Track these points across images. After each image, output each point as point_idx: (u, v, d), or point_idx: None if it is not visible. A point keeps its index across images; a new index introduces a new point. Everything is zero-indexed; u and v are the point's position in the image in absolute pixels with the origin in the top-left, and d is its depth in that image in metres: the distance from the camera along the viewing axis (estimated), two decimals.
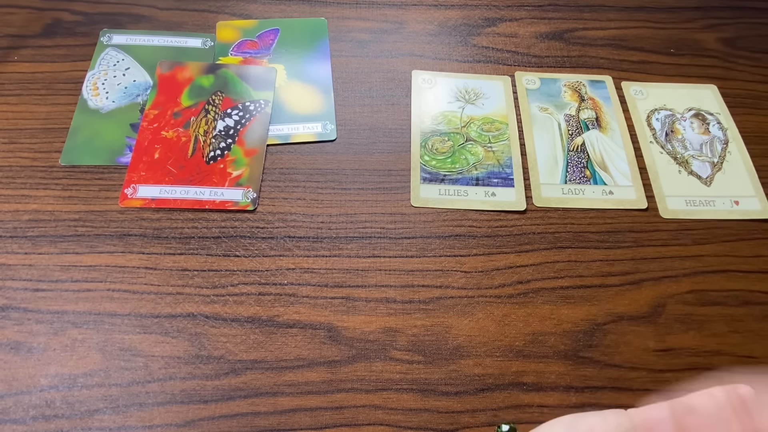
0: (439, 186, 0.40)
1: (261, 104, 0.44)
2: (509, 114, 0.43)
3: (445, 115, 0.43)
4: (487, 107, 0.43)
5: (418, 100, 0.44)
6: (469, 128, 0.42)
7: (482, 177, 0.40)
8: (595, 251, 0.38)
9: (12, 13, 0.47)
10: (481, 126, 0.42)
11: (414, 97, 0.44)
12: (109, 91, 0.43)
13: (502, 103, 0.44)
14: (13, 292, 0.35)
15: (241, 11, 0.49)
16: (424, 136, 0.42)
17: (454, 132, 0.42)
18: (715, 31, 0.51)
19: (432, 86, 0.44)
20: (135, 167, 0.40)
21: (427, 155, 0.41)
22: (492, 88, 0.44)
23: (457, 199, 0.39)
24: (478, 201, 0.39)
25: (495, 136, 0.42)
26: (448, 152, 0.41)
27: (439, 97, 0.44)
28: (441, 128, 0.42)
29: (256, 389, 0.32)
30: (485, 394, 0.33)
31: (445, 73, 0.46)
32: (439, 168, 0.40)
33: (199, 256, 0.37)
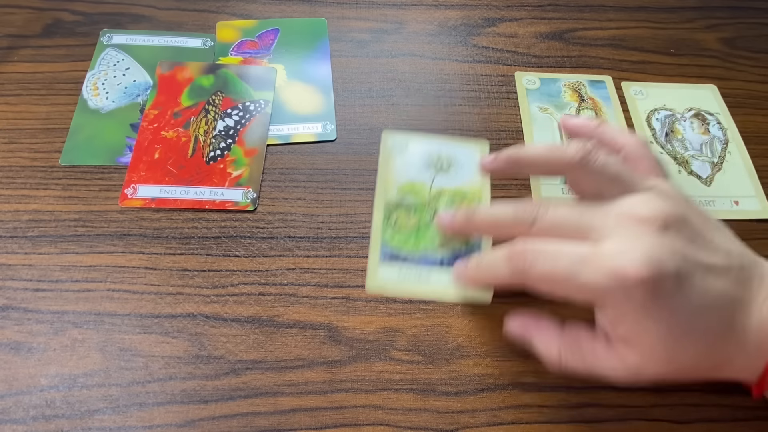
0: (400, 266, 0.35)
1: (261, 104, 0.44)
2: (483, 189, 0.38)
3: (413, 186, 0.38)
4: (459, 178, 0.39)
5: (385, 166, 0.39)
6: (438, 202, 0.38)
7: (447, 259, 0.36)
8: None
9: (12, 13, 0.47)
10: (451, 200, 0.38)
11: (381, 162, 0.39)
12: (109, 91, 0.43)
13: (476, 173, 0.38)
14: (13, 292, 0.35)
15: (241, 11, 0.49)
16: (388, 208, 0.37)
17: (421, 205, 0.38)
18: (715, 31, 0.51)
19: (402, 151, 0.39)
20: (135, 167, 0.40)
21: (390, 230, 0.37)
22: (466, 156, 0.39)
23: (419, 284, 0.35)
24: (440, 289, 0.35)
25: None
26: (413, 228, 0.37)
27: (409, 163, 0.39)
28: (408, 200, 0.37)
29: (256, 389, 0.32)
30: (485, 394, 0.33)
31: (420, 134, 0.41)
32: (401, 246, 0.36)
33: (199, 256, 0.37)
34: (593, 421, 0.32)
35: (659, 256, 0.26)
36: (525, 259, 0.29)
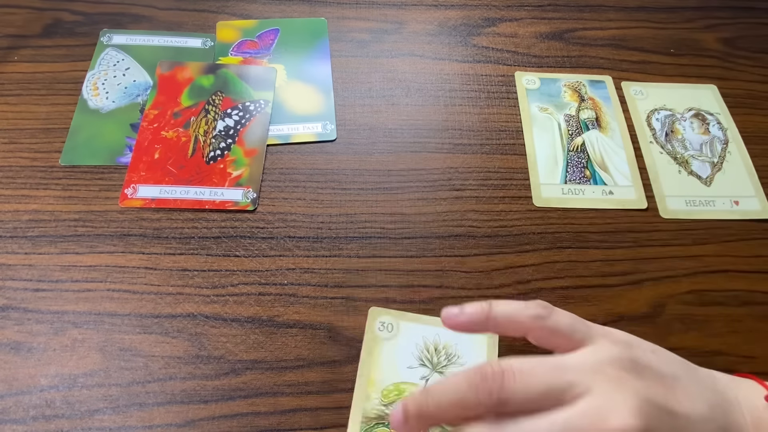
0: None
1: (261, 104, 0.44)
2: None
3: (400, 390, 0.30)
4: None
5: (368, 357, 0.32)
6: None
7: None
8: (595, 251, 0.38)
9: (12, 13, 0.47)
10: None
11: (365, 350, 0.32)
12: (109, 91, 0.43)
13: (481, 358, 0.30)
14: (13, 292, 0.35)
15: (241, 11, 0.49)
16: (366, 424, 0.29)
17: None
18: (715, 31, 0.51)
19: (391, 336, 0.32)
20: (135, 167, 0.40)
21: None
22: (471, 346, 0.32)
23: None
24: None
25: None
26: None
27: (397, 355, 0.31)
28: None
29: (256, 389, 0.32)
30: None
31: (410, 315, 0.34)
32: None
33: (199, 256, 0.37)
34: None
35: (646, 404, 0.23)
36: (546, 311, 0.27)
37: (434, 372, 0.31)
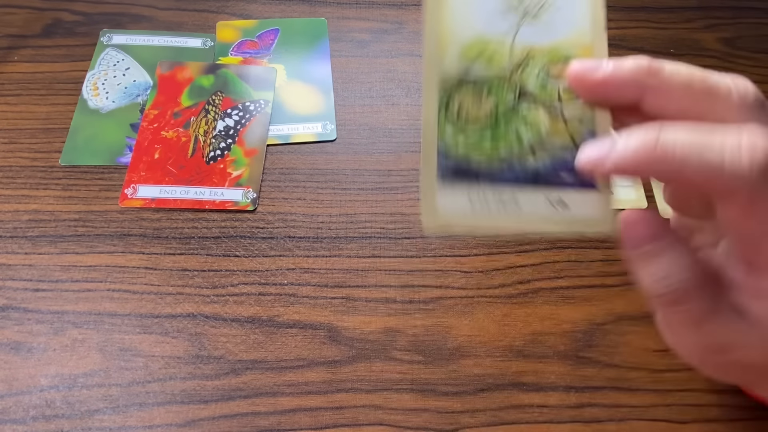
0: (470, 190, 0.23)
1: (261, 104, 0.44)
2: (596, 44, 0.24)
3: (484, 44, 0.24)
4: (559, 29, 0.24)
5: (435, 12, 0.24)
6: (526, 70, 0.24)
7: (544, 170, 0.23)
8: (595, 251, 0.38)
9: (12, 13, 0.47)
10: (547, 66, 0.23)
11: (429, 8, 0.24)
12: (109, 91, 0.43)
13: (585, 19, 0.24)
14: (13, 292, 0.35)
15: (241, 11, 0.49)
16: (446, 86, 0.24)
17: (500, 79, 0.24)
18: (715, 31, 0.51)
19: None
20: (135, 167, 0.40)
21: (451, 125, 0.24)
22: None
23: (503, 215, 0.23)
24: (539, 217, 0.22)
25: (567, 88, 0.23)
26: (487, 119, 0.23)
27: (478, 2, 0.24)
28: (477, 71, 0.24)
29: (256, 389, 0.32)
30: (485, 394, 0.33)
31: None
32: (470, 152, 0.23)
33: (199, 256, 0.37)
34: (593, 421, 0.32)
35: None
36: (659, 127, 0.19)
37: (525, 19, 0.24)
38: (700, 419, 0.32)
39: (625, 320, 0.36)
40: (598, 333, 0.35)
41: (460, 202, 0.23)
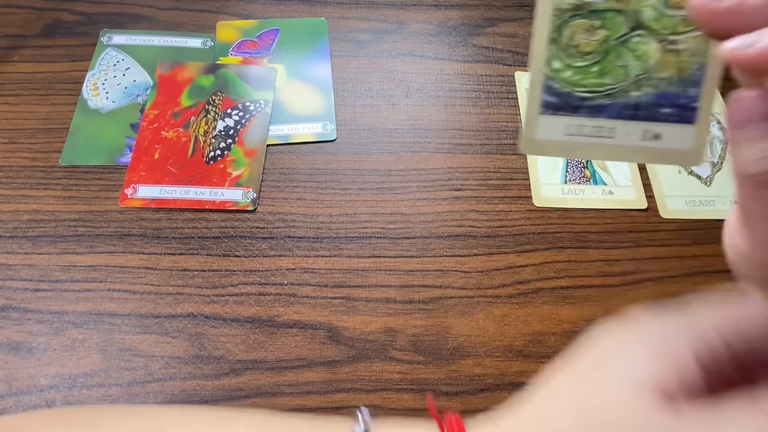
0: (569, 119, 0.23)
1: (261, 104, 0.44)
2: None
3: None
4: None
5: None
6: (643, 1, 0.23)
7: (646, 103, 0.23)
8: (595, 251, 0.38)
9: (12, 13, 0.47)
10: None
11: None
12: (109, 91, 0.43)
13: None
14: (13, 292, 0.35)
15: (241, 11, 0.49)
16: (558, 17, 0.23)
17: (614, 8, 0.23)
18: None
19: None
20: (135, 167, 0.40)
21: (559, 58, 0.23)
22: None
23: (596, 143, 0.23)
24: (630, 148, 0.23)
25: (687, 19, 0.22)
26: (596, 52, 0.23)
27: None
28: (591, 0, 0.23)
29: (256, 389, 0.32)
30: (485, 394, 0.33)
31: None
32: (576, 83, 0.23)
33: (199, 256, 0.37)
34: None
35: None
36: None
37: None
38: None
39: None
40: None
41: (558, 128, 0.23)
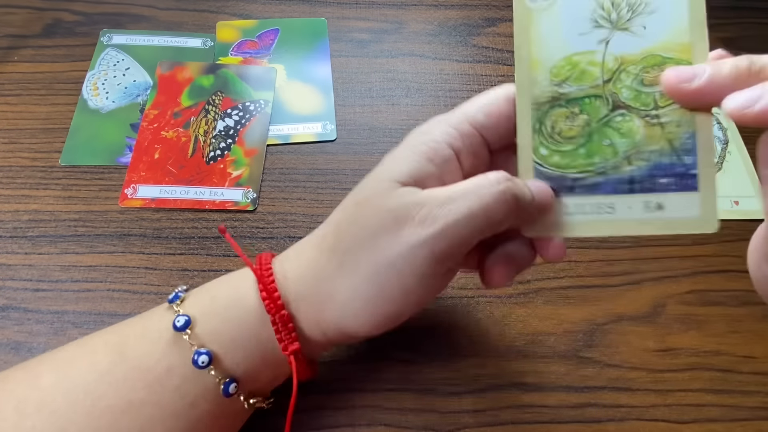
0: (567, 199, 0.24)
1: (261, 104, 0.44)
2: (696, 44, 0.24)
3: (573, 63, 0.24)
4: (653, 32, 0.24)
5: (524, 38, 0.25)
6: (618, 82, 0.24)
7: (640, 176, 0.23)
8: (595, 251, 0.38)
9: (12, 13, 0.47)
10: (641, 75, 0.24)
11: (517, 33, 0.25)
12: (109, 91, 0.43)
13: (683, 19, 0.24)
14: (13, 292, 0.35)
15: (241, 11, 0.49)
16: (538, 110, 0.25)
17: (591, 95, 0.24)
18: (715, 31, 0.51)
19: (549, 3, 0.24)
20: (135, 167, 0.40)
21: (544, 145, 0.24)
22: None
23: (599, 219, 0.24)
24: (634, 221, 0.24)
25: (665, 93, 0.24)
26: (580, 136, 0.24)
27: (563, 24, 0.24)
28: (567, 89, 0.24)
29: None
30: (485, 394, 0.33)
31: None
32: (565, 167, 0.24)
33: (199, 256, 0.37)
34: (593, 421, 0.32)
35: None
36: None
37: (615, 30, 0.24)
38: (700, 419, 0.32)
39: (625, 320, 0.36)
40: (598, 333, 0.35)
41: (558, 210, 0.24)
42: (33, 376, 0.25)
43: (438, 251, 0.23)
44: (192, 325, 0.25)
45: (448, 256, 0.23)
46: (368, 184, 0.26)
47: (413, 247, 0.23)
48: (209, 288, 0.28)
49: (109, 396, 0.24)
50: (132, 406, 0.24)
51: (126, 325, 0.27)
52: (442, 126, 0.26)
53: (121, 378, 0.24)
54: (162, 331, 0.25)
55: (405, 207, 0.23)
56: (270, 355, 0.26)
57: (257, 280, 0.26)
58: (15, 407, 0.23)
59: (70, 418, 0.23)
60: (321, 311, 0.25)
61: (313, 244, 0.27)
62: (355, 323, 0.25)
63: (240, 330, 0.26)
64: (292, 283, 0.26)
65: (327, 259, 0.25)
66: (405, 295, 0.24)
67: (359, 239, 0.24)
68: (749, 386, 0.34)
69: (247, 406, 0.27)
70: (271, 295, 0.25)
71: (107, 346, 0.26)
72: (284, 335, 0.25)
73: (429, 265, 0.23)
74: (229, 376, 0.25)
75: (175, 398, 0.25)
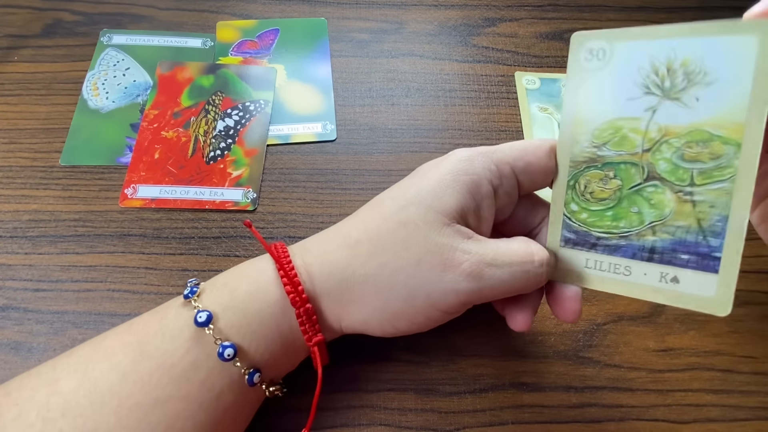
0: (588, 254, 0.26)
1: (261, 104, 0.44)
2: (752, 120, 0.21)
3: (616, 128, 0.24)
4: (706, 106, 0.22)
5: (574, 96, 0.25)
6: (657, 153, 0.24)
7: (661, 248, 0.24)
8: None
9: (12, 13, 0.47)
10: (682, 149, 0.23)
11: (569, 90, 0.26)
12: (109, 91, 0.43)
13: (744, 95, 0.21)
14: (13, 292, 0.35)
15: (241, 11, 0.49)
16: (575, 168, 0.26)
17: (627, 161, 0.24)
18: None
19: (604, 62, 0.24)
20: (135, 167, 0.40)
21: (575, 201, 0.26)
22: (727, 58, 0.22)
23: (613, 278, 0.25)
24: (648, 287, 0.25)
25: (705, 171, 0.23)
26: (611, 199, 0.25)
27: (614, 87, 0.24)
28: (606, 152, 0.25)
29: None
30: (485, 394, 0.33)
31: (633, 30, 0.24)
32: (592, 225, 0.26)
33: (199, 256, 0.37)
34: (593, 421, 0.32)
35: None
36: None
37: (665, 99, 0.23)
38: (700, 419, 0.32)
39: (625, 320, 0.36)
40: (598, 333, 0.35)
41: (579, 261, 0.26)
42: (50, 381, 0.25)
43: (470, 300, 0.26)
44: (214, 319, 0.26)
45: (474, 303, 0.27)
46: (414, 208, 0.27)
47: (453, 291, 0.26)
48: (226, 282, 0.28)
49: (135, 394, 0.24)
50: (159, 402, 0.24)
51: (141, 324, 0.27)
52: (484, 161, 0.27)
53: (146, 376, 0.25)
54: (182, 328, 0.26)
55: (454, 250, 0.26)
56: (290, 344, 0.28)
57: (280, 274, 0.27)
58: (38, 414, 0.23)
59: (99, 420, 0.23)
60: (345, 309, 0.28)
61: (342, 244, 0.28)
62: (377, 329, 0.28)
63: (261, 322, 0.27)
64: (317, 279, 0.28)
65: (360, 265, 0.27)
66: (427, 320, 0.27)
67: (402, 261, 0.26)
68: (749, 386, 0.34)
69: (268, 394, 0.28)
70: (296, 289, 0.27)
71: (126, 346, 0.26)
72: (308, 327, 0.27)
73: (457, 306, 0.27)
74: (253, 366, 0.26)
75: (203, 391, 0.25)
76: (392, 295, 0.27)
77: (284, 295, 0.27)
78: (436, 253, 0.26)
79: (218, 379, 0.26)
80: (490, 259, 0.26)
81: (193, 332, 0.26)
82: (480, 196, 0.27)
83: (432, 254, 0.26)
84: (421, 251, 0.26)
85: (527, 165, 0.27)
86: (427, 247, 0.26)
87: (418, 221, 0.26)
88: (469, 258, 0.25)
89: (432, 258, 0.26)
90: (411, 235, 0.26)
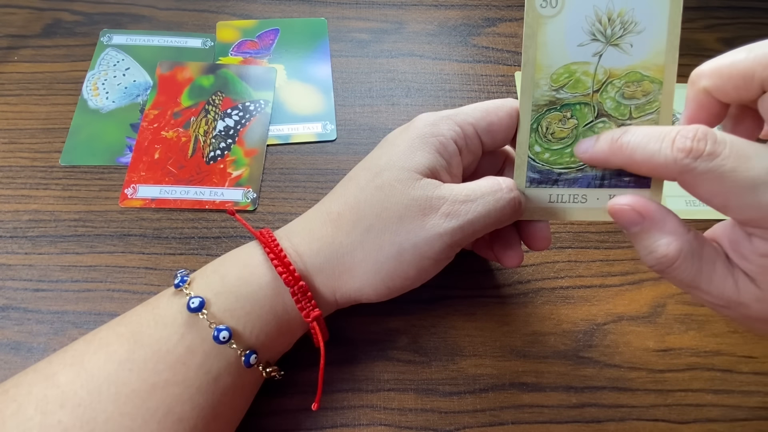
0: (551, 190, 0.29)
1: (261, 104, 0.44)
2: (667, 67, 0.27)
3: (571, 72, 0.27)
4: (638, 51, 0.27)
5: (531, 43, 0.27)
6: (604, 93, 0.28)
7: (609, 174, 0.28)
8: (595, 251, 0.38)
9: (12, 13, 0.47)
10: (622, 89, 0.27)
11: (526, 37, 0.27)
12: (109, 91, 0.43)
13: (662, 42, 0.27)
14: (13, 292, 0.35)
15: (241, 11, 0.49)
16: (537, 112, 0.28)
17: (581, 102, 0.28)
18: (715, 31, 0.51)
19: (557, 9, 0.27)
20: (135, 167, 0.40)
21: (539, 143, 0.28)
22: (650, 11, 0.27)
23: (572, 207, 0.29)
24: (600, 209, 0.28)
25: (639, 106, 0.28)
26: (569, 137, 0.28)
27: (566, 33, 0.27)
28: (563, 95, 0.28)
29: None
30: (485, 394, 0.33)
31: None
32: (554, 163, 0.29)
33: (199, 256, 0.37)
34: (593, 421, 0.32)
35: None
36: (701, 147, 0.22)
37: (608, 45, 0.27)
38: (700, 419, 0.32)
39: (625, 320, 0.36)
40: (598, 333, 0.35)
41: (543, 198, 0.29)
42: (46, 376, 0.25)
43: (455, 240, 0.27)
44: (207, 305, 0.26)
45: (460, 244, 0.28)
46: (388, 171, 0.28)
47: (436, 234, 0.27)
48: (216, 269, 0.29)
49: (132, 382, 0.25)
50: (157, 387, 0.25)
51: (134, 315, 0.28)
52: (449, 123, 0.29)
53: (142, 363, 0.25)
54: (175, 315, 0.26)
55: (429, 198, 0.27)
56: (285, 323, 0.28)
57: (270, 257, 0.28)
58: (37, 407, 0.24)
59: (97, 408, 0.24)
60: (338, 281, 0.29)
61: (324, 220, 0.29)
62: (372, 293, 0.29)
63: (254, 304, 0.27)
64: (307, 257, 0.29)
65: (346, 235, 0.28)
66: (419, 272, 0.28)
67: (384, 221, 0.28)
68: (749, 386, 0.34)
69: (265, 375, 0.28)
70: (288, 269, 0.28)
71: (120, 337, 0.26)
72: (305, 304, 0.28)
73: (445, 250, 0.28)
74: (249, 347, 0.27)
75: (200, 375, 0.26)
76: (382, 255, 0.28)
77: (275, 277, 0.28)
78: (414, 206, 0.27)
79: (215, 361, 0.26)
80: (464, 196, 0.27)
81: (187, 318, 0.26)
82: (448, 155, 0.29)
83: (410, 208, 0.27)
84: (401, 207, 0.27)
85: (489, 125, 0.29)
86: (405, 203, 0.27)
87: (394, 182, 0.28)
88: (445, 200, 0.27)
89: (411, 211, 0.27)
90: (388, 196, 0.28)
